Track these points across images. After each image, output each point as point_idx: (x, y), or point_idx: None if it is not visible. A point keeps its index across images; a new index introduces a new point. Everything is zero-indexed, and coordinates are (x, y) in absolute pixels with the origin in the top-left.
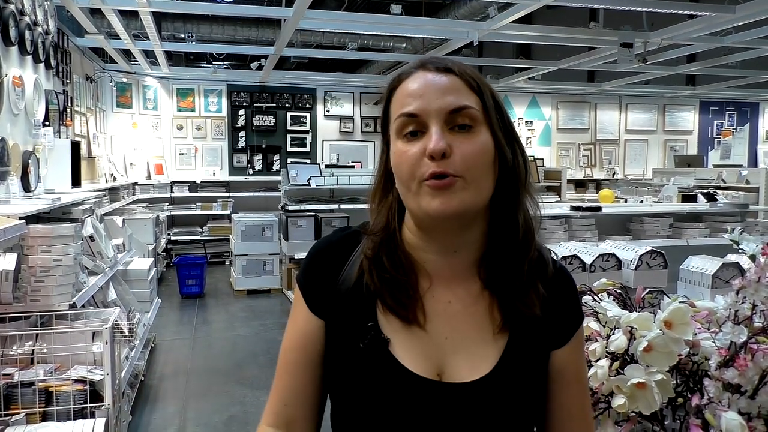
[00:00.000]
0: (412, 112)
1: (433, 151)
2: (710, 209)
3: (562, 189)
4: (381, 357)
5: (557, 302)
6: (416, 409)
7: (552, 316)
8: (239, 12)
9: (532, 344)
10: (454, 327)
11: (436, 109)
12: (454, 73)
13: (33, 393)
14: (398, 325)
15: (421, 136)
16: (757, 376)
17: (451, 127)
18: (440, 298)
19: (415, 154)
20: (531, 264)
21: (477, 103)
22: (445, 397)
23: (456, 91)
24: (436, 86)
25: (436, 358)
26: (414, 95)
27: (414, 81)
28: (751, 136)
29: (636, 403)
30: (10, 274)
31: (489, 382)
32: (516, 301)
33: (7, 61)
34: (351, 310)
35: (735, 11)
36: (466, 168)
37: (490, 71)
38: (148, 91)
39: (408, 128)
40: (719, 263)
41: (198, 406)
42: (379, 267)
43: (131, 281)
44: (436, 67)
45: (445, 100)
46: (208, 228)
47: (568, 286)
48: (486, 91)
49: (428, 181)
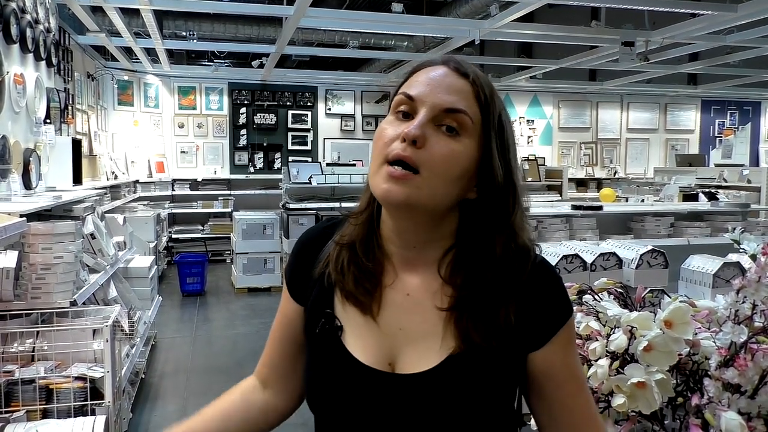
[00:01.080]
0: (410, 95)
1: (407, 134)
2: (711, 208)
3: (564, 188)
4: (332, 345)
5: (532, 304)
6: (365, 398)
7: (525, 319)
8: (241, 10)
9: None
10: (409, 319)
11: (432, 102)
12: (469, 79)
13: (34, 390)
14: (354, 314)
15: (410, 120)
16: (757, 375)
17: (439, 125)
18: (401, 289)
19: (392, 134)
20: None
21: (476, 114)
22: (393, 388)
23: (460, 94)
24: (445, 83)
25: (388, 348)
26: (422, 82)
27: (430, 72)
28: (753, 135)
29: (636, 403)
30: (11, 271)
31: (436, 375)
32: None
33: (8, 59)
34: (315, 297)
35: (737, 10)
36: (428, 167)
37: (492, 70)
38: (150, 89)
39: (402, 107)
40: (720, 263)
41: (199, 403)
42: (350, 253)
43: (132, 279)
44: (457, 68)
45: (445, 98)
46: (209, 226)
47: (547, 286)
48: (494, 109)
49: (388, 166)
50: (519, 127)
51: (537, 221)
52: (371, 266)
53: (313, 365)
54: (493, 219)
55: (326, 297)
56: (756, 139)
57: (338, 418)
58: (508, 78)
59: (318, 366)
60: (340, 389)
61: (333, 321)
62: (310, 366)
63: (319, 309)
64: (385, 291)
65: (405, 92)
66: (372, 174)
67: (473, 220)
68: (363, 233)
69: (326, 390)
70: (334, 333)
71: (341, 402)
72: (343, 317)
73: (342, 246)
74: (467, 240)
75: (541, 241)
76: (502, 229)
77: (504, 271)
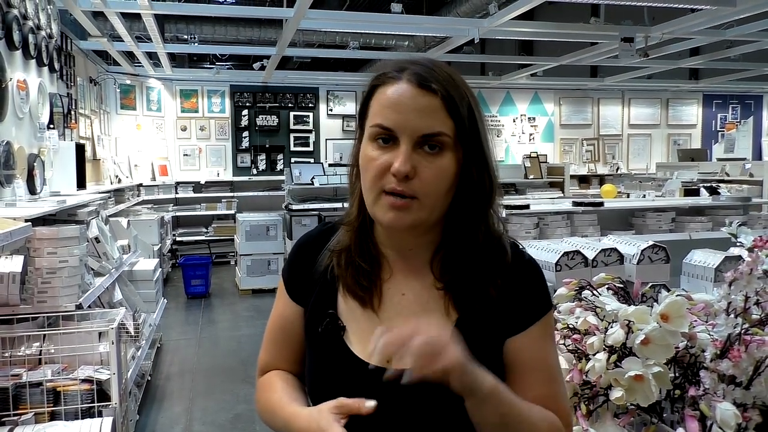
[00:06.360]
0: (387, 126)
1: (398, 172)
2: (713, 203)
3: (565, 184)
4: (334, 343)
5: (515, 290)
6: (365, 394)
7: (507, 304)
8: (241, 13)
9: (480, 333)
10: (404, 317)
11: (410, 129)
12: (435, 93)
13: (41, 393)
14: (355, 311)
15: (391, 145)
16: (752, 366)
17: (421, 145)
18: (396, 290)
19: (381, 164)
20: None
21: (451, 129)
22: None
23: (433, 114)
24: (415, 106)
25: None
26: (392, 108)
27: (395, 91)
28: (755, 129)
29: (634, 396)
30: (17, 276)
31: None
32: (464, 290)
33: (11, 65)
34: (316, 297)
35: (735, 4)
36: (425, 192)
37: (492, 68)
38: (152, 93)
39: (380, 136)
40: (722, 257)
41: (204, 404)
42: (348, 255)
43: (137, 282)
44: (420, 83)
45: (420, 123)
46: (212, 228)
47: (530, 275)
48: (464, 111)
49: (387, 196)
50: (520, 125)
51: (538, 218)
52: (368, 268)
53: (315, 363)
54: (474, 210)
55: (329, 296)
56: (758, 133)
57: None
58: (508, 76)
59: (320, 364)
60: (341, 385)
61: (336, 321)
62: (312, 364)
63: (322, 309)
64: (384, 286)
65: (380, 124)
66: (371, 203)
67: (457, 214)
68: (358, 239)
69: (328, 386)
70: (337, 333)
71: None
72: (346, 313)
73: (339, 252)
74: (453, 235)
75: (542, 238)
76: (482, 217)
77: (487, 255)
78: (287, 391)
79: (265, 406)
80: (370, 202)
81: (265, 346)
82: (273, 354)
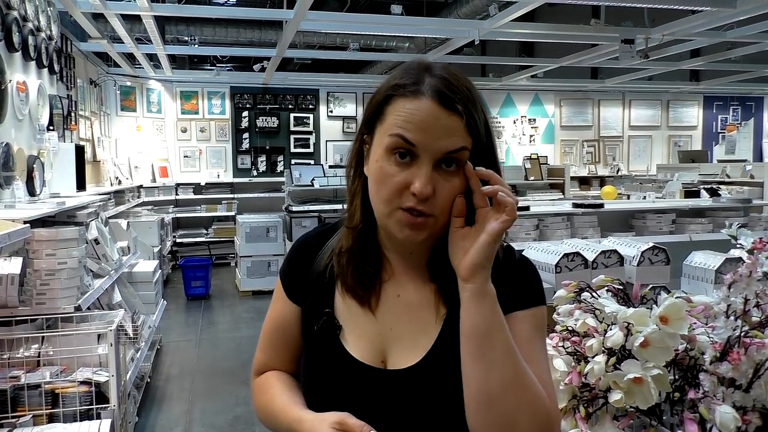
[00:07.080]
0: (411, 141)
1: (420, 194)
2: (713, 204)
3: (566, 186)
4: (330, 343)
5: (504, 282)
6: (359, 393)
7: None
8: (241, 14)
9: None
10: (398, 318)
11: (434, 150)
12: (460, 114)
13: (39, 395)
14: (352, 311)
15: (409, 161)
16: (751, 369)
17: (439, 163)
18: (393, 291)
19: (399, 182)
20: None
21: (469, 143)
22: (385, 383)
23: (456, 133)
24: (439, 126)
25: (380, 345)
26: (416, 124)
27: (418, 107)
28: (756, 131)
29: (633, 398)
30: (16, 277)
31: (422, 368)
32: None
33: (11, 66)
34: (314, 297)
35: (736, 6)
36: (442, 210)
37: (493, 70)
38: (152, 95)
39: (399, 149)
40: (722, 258)
41: (204, 406)
42: (351, 256)
43: (137, 283)
44: (443, 102)
45: (444, 144)
46: (212, 230)
47: (522, 270)
48: (482, 128)
49: (404, 213)
50: (521, 126)
51: (538, 219)
52: (372, 270)
53: (310, 362)
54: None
55: (326, 295)
56: (759, 135)
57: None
58: (509, 77)
59: (315, 363)
60: (336, 385)
61: (332, 320)
62: (307, 363)
63: (319, 308)
64: (384, 286)
65: (403, 136)
66: (384, 216)
67: None
68: (361, 242)
69: (323, 385)
70: (333, 332)
71: (337, 396)
72: (343, 313)
73: (340, 253)
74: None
75: (542, 239)
76: None
77: None
78: (287, 393)
79: (265, 408)
80: (382, 214)
81: (261, 346)
82: (270, 354)
